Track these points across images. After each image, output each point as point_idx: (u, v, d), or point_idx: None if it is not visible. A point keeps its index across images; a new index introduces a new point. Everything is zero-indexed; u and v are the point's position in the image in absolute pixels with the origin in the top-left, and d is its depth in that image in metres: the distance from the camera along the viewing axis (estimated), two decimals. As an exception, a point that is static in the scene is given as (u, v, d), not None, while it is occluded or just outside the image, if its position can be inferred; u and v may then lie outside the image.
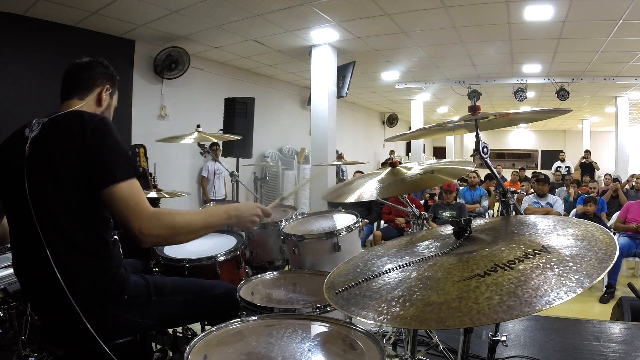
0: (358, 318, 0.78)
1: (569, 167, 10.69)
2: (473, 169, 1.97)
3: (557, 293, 0.66)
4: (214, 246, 2.11)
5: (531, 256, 0.77)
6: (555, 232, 0.88)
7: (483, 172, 7.89)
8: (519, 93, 7.97)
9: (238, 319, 1.23)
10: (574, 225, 0.90)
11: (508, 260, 0.77)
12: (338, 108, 6.74)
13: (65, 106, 1.36)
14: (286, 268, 2.35)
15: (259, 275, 1.77)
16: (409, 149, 13.85)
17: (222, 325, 1.19)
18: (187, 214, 1.31)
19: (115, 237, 1.35)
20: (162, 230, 1.19)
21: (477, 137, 1.18)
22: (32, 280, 1.27)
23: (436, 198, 6.25)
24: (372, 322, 0.75)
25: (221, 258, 1.94)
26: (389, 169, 1.54)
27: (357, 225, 2.08)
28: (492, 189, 7.09)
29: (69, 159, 1.20)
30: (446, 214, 5.34)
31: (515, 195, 1.27)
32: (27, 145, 1.23)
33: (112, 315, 1.27)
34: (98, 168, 1.18)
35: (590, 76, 7.53)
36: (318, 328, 1.18)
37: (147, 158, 5.55)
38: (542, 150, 17.85)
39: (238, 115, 5.59)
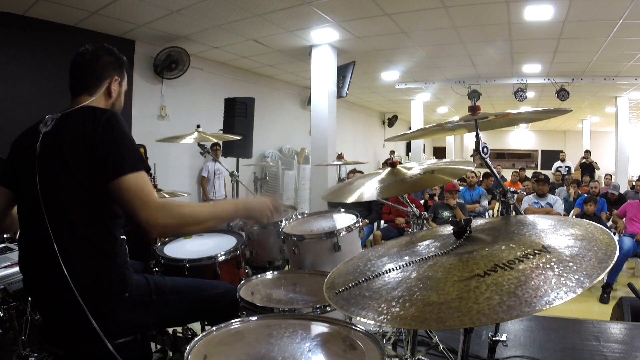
0: (358, 318, 0.78)
1: (569, 167, 10.69)
2: (473, 169, 1.96)
3: (557, 293, 0.65)
4: (214, 246, 2.11)
5: (531, 256, 0.77)
6: (555, 232, 0.88)
7: (483, 171, 7.89)
8: (519, 93, 7.96)
9: (238, 319, 1.23)
10: (574, 225, 0.90)
11: (508, 260, 0.77)
12: (338, 108, 6.74)
13: (76, 102, 1.37)
14: (286, 268, 2.35)
15: (259, 275, 1.77)
16: (409, 149, 13.83)
17: (222, 325, 1.18)
18: (195, 205, 1.34)
19: (123, 236, 1.36)
20: (169, 220, 1.20)
21: (477, 137, 1.18)
22: (38, 275, 1.27)
23: (436, 198, 6.25)
24: (372, 322, 0.75)
25: (221, 258, 1.94)
26: (389, 169, 1.54)
27: (357, 225, 2.08)
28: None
29: (79, 153, 1.21)
30: (446, 214, 5.34)
31: (515, 195, 1.27)
32: (39, 140, 1.25)
33: (113, 313, 1.27)
34: (107, 161, 1.20)
35: (590, 76, 7.52)
36: (318, 328, 1.18)
37: (147, 158, 5.55)
38: (542, 150, 17.84)
39: (238, 115, 5.58)
